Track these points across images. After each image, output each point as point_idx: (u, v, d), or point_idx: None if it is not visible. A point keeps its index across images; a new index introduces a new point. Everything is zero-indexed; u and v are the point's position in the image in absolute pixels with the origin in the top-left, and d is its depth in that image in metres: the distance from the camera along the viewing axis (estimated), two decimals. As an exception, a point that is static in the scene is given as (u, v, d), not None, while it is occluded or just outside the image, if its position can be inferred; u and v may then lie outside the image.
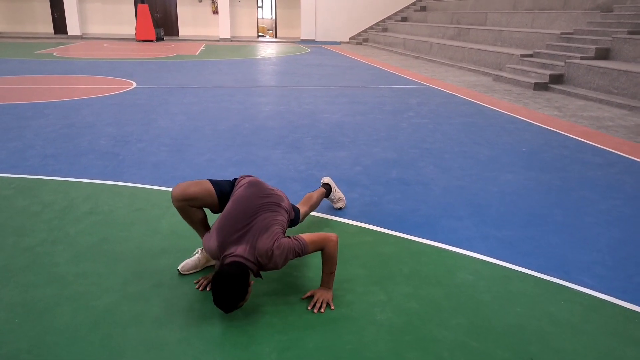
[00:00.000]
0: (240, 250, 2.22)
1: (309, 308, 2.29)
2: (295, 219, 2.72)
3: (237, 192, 2.47)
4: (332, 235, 2.35)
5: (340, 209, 3.46)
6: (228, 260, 2.19)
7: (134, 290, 2.42)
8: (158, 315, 2.23)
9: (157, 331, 2.12)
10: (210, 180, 2.51)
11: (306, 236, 2.32)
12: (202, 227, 2.54)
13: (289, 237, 2.31)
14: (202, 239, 2.61)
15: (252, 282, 2.20)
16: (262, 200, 2.42)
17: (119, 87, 9.01)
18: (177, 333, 2.11)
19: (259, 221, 2.30)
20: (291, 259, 2.29)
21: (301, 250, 2.28)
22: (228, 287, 2.06)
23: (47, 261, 2.69)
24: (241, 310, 2.28)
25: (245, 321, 2.20)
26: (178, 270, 2.58)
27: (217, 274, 2.10)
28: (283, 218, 2.43)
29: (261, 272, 2.38)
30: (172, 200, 2.45)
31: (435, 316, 2.26)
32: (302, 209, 2.94)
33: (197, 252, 2.66)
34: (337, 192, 3.44)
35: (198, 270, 2.62)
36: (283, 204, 2.50)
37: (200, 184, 2.47)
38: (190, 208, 2.47)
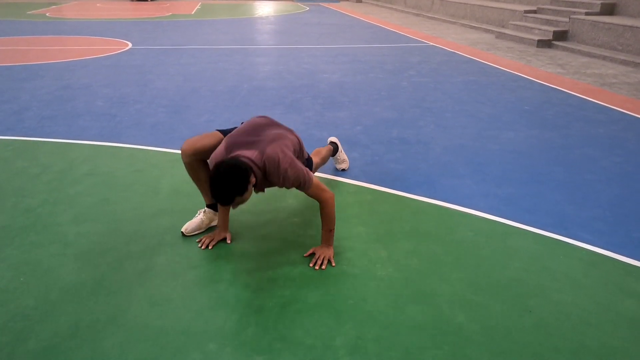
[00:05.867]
0: (248, 153, 2.21)
1: (311, 265, 2.31)
2: (308, 166, 2.71)
3: (247, 120, 2.51)
4: (329, 193, 2.34)
5: (343, 170, 3.45)
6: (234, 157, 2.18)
7: (137, 249, 2.44)
8: (161, 273, 2.25)
9: (160, 288, 2.15)
10: (219, 130, 2.51)
11: (314, 178, 2.31)
12: (208, 186, 2.52)
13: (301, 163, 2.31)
14: (205, 199, 2.61)
15: (253, 180, 2.15)
16: (273, 123, 2.47)
17: (114, 47, 8.83)
18: (180, 290, 2.14)
19: (269, 134, 2.32)
20: (294, 185, 2.25)
21: (305, 182, 2.25)
22: (226, 177, 2.03)
23: (49, 221, 2.70)
24: (244, 267, 2.30)
25: (249, 277, 2.23)
26: (182, 232, 2.59)
27: (218, 163, 2.10)
28: (294, 138, 2.45)
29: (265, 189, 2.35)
30: (182, 156, 2.45)
31: (435, 271, 2.29)
32: (314, 160, 2.94)
33: (199, 213, 2.66)
34: (342, 153, 3.42)
35: (202, 231, 2.62)
36: (292, 134, 2.51)
37: (209, 135, 2.48)
38: (200, 164, 2.48)
